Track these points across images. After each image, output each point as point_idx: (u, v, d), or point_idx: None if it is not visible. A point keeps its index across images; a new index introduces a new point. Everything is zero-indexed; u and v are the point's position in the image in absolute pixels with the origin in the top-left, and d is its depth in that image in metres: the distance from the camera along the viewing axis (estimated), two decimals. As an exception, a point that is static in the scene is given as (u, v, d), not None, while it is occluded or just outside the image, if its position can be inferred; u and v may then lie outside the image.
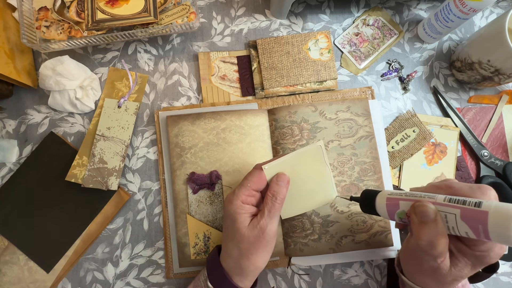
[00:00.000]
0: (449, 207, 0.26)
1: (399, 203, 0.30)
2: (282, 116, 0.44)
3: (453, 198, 0.26)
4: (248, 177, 0.34)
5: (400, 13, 0.51)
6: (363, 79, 0.49)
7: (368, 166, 0.44)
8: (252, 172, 0.35)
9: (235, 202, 0.33)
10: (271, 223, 0.33)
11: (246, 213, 0.33)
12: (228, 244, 0.34)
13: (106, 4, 0.43)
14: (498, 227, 0.23)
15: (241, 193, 0.33)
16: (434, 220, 0.26)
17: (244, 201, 0.33)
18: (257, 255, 0.33)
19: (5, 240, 0.43)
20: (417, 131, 0.46)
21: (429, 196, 0.28)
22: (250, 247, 0.33)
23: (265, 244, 0.33)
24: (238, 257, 0.33)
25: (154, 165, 0.46)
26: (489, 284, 0.44)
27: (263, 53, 0.48)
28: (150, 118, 0.47)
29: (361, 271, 0.44)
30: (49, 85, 0.43)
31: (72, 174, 0.43)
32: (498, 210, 0.23)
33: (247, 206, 0.33)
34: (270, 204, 0.33)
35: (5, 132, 0.46)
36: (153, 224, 0.45)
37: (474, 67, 0.43)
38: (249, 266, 0.33)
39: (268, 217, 0.32)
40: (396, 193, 0.31)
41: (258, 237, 0.32)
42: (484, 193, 0.26)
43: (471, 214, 0.24)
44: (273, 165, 0.34)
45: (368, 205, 0.33)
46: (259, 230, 0.32)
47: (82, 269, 0.44)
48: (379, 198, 0.32)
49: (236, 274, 0.34)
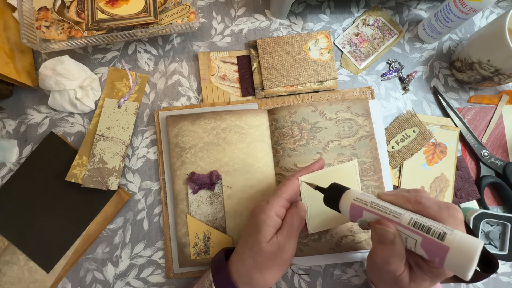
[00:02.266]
0: (411, 232, 0.25)
1: (363, 212, 0.29)
2: (282, 116, 0.44)
3: (418, 223, 0.25)
4: (282, 187, 0.34)
5: (400, 13, 0.51)
6: (363, 79, 0.49)
7: (368, 166, 0.44)
8: (286, 182, 0.34)
9: (268, 212, 0.32)
10: (289, 243, 0.32)
11: (273, 226, 0.32)
12: (244, 251, 0.33)
13: (106, 4, 0.43)
14: (456, 264, 0.23)
15: (276, 203, 0.33)
16: (392, 243, 0.26)
17: (277, 213, 0.33)
18: (271, 271, 0.33)
19: (5, 240, 0.43)
20: (417, 131, 0.46)
21: (394, 214, 0.27)
22: (266, 262, 0.32)
23: (281, 263, 0.33)
24: (251, 268, 0.33)
25: (154, 165, 0.46)
26: (489, 284, 0.44)
27: (263, 53, 0.48)
28: (150, 118, 0.47)
29: (361, 271, 0.44)
30: (49, 85, 0.43)
31: (72, 174, 0.43)
32: (460, 249, 0.22)
33: (277, 219, 0.33)
34: (290, 223, 0.32)
35: (5, 132, 0.46)
36: (153, 224, 0.45)
37: (474, 67, 0.43)
38: (259, 281, 0.33)
39: (288, 236, 0.32)
40: (362, 201, 0.29)
41: (275, 254, 0.32)
42: (451, 215, 0.26)
43: (432, 244, 0.24)
44: (309, 177, 0.34)
45: (332, 201, 0.32)
46: (278, 247, 0.32)
47: (82, 269, 0.44)
48: (344, 198, 0.31)
49: (243, 282, 0.33)
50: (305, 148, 0.44)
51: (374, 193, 0.43)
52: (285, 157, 0.44)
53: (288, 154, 0.44)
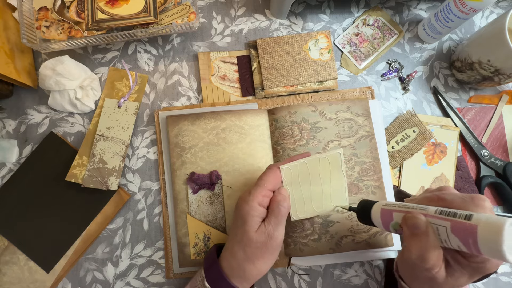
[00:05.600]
0: (440, 220, 0.25)
1: (393, 214, 0.29)
2: (282, 116, 0.44)
3: (444, 210, 0.26)
4: (263, 177, 0.34)
5: (400, 13, 0.51)
6: (363, 79, 0.49)
7: (368, 166, 0.44)
8: (267, 171, 0.34)
9: (251, 203, 0.33)
10: (277, 230, 0.33)
11: (258, 216, 0.33)
12: (234, 245, 0.34)
13: (106, 4, 0.43)
14: (488, 242, 0.22)
15: (258, 193, 0.33)
16: (425, 233, 0.26)
17: (260, 203, 0.33)
18: (262, 260, 0.33)
19: (5, 240, 0.43)
20: (417, 131, 0.46)
21: (421, 208, 0.27)
22: (257, 251, 0.33)
23: (272, 251, 0.33)
24: (243, 260, 0.33)
25: (154, 165, 0.46)
26: (489, 284, 0.44)
27: (263, 53, 0.48)
28: (150, 118, 0.47)
29: (361, 271, 0.44)
30: (49, 85, 0.43)
31: (72, 174, 0.43)
32: (488, 223, 0.22)
33: (261, 209, 0.33)
34: (277, 211, 0.33)
35: (5, 132, 0.46)
36: (153, 224, 0.45)
37: (474, 67, 0.43)
38: (252, 270, 0.33)
39: (275, 223, 0.32)
40: (390, 204, 0.30)
41: (265, 243, 0.32)
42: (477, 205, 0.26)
43: (461, 227, 0.24)
44: (292, 165, 0.35)
45: (364, 216, 0.33)
46: (267, 236, 0.32)
47: (82, 269, 0.44)
48: (374, 209, 0.32)
49: (236, 276, 0.33)
50: (305, 148, 0.44)
51: (374, 193, 0.43)
52: (285, 157, 0.44)
53: (288, 154, 0.44)
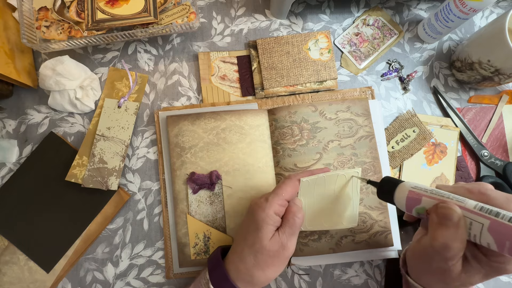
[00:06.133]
0: (478, 216, 0.24)
1: (422, 199, 0.28)
2: (282, 116, 0.44)
3: (485, 208, 0.24)
4: (282, 186, 0.34)
5: (400, 13, 0.51)
6: (363, 79, 0.49)
7: (368, 166, 0.44)
8: (286, 182, 0.34)
9: (267, 211, 0.32)
10: (291, 240, 0.33)
11: (273, 225, 0.33)
12: (244, 249, 0.33)
13: (106, 4, 0.43)
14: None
15: (275, 202, 0.33)
16: (456, 225, 0.25)
17: (276, 212, 0.33)
18: (273, 268, 0.33)
19: (5, 240, 0.43)
20: (417, 131, 0.46)
21: (458, 200, 0.26)
22: (268, 260, 0.32)
23: (283, 260, 0.33)
24: (252, 266, 0.33)
25: (154, 165, 0.46)
26: (489, 284, 0.44)
27: (263, 53, 0.48)
28: (150, 118, 0.47)
29: (361, 271, 0.44)
30: (49, 85, 0.43)
31: (72, 174, 0.43)
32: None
33: (276, 218, 0.33)
34: (291, 221, 0.33)
35: (5, 132, 0.46)
36: (153, 224, 0.45)
37: (474, 67, 0.43)
38: (261, 277, 0.33)
39: (289, 233, 0.32)
40: (421, 188, 0.29)
41: (278, 252, 0.32)
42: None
43: (501, 229, 0.23)
44: (311, 179, 0.35)
45: (386, 193, 0.32)
46: (281, 245, 0.32)
47: (82, 269, 0.44)
48: (401, 189, 0.30)
49: (242, 280, 0.33)
50: (305, 148, 0.44)
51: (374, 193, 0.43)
52: (285, 157, 0.44)
53: (288, 154, 0.44)
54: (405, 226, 0.44)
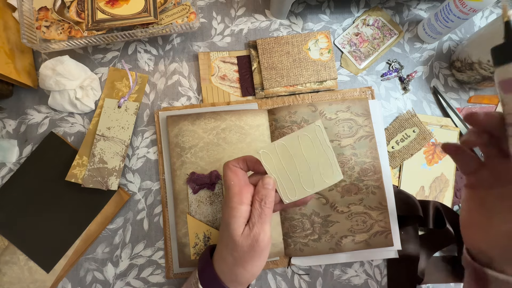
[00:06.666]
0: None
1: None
2: (282, 116, 0.44)
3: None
4: (225, 178, 0.33)
5: (400, 13, 0.51)
6: (363, 79, 0.49)
7: (368, 166, 0.44)
8: (224, 171, 0.33)
9: (230, 204, 0.32)
10: (263, 230, 0.31)
11: (241, 216, 0.31)
12: (223, 249, 0.33)
13: (106, 4, 0.43)
14: None
15: (231, 195, 0.32)
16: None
17: (240, 202, 0.31)
18: (252, 263, 0.32)
19: (5, 240, 0.43)
20: (417, 131, 0.46)
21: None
22: (245, 256, 0.31)
23: (260, 253, 0.31)
24: (232, 265, 0.32)
25: (154, 165, 0.46)
26: (489, 284, 0.44)
27: (263, 53, 0.48)
28: (150, 118, 0.47)
29: (361, 271, 0.44)
30: (49, 85, 0.43)
31: (72, 174, 0.43)
32: None
33: (242, 208, 0.31)
34: (260, 210, 0.31)
35: (5, 132, 0.46)
36: (153, 224, 0.45)
37: (474, 67, 0.43)
38: (244, 274, 0.32)
39: (259, 223, 0.31)
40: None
41: (252, 246, 0.31)
42: None
43: None
44: (269, 149, 0.32)
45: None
46: (253, 239, 0.31)
47: (82, 269, 0.44)
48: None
49: (230, 280, 0.33)
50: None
51: (374, 193, 0.43)
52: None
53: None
54: (405, 226, 0.44)
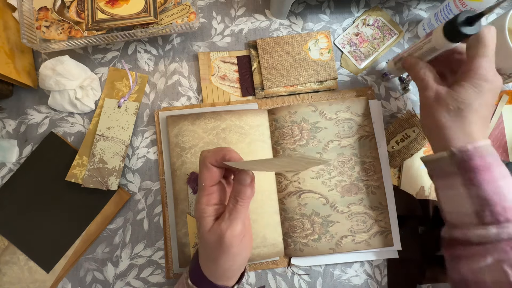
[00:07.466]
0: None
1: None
2: (282, 116, 0.44)
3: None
4: (200, 176, 0.32)
5: (400, 13, 0.51)
6: (363, 79, 0.49)
7: (368, 166, 0.44)
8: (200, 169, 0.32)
9: (198, 206, 0.32)
10: (231, 227, 0.30)
11: (210, 215, 0.31)
12: (200, 248, 0.34)
13: (106, 4, 0.43)
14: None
15: (201, 195, 0.31)
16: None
17: (208, 203, 0.31)
18: (222, 259, 0.31)
19: (5, 240, 0.43)
20: (417, 131, 0.46)
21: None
22: (213, 252, 0.31)
23: (227, 249, 0.30)
24: (206, 261, 0.32)
25: (154, 165, 0.46)
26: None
27: (263, 53, 0.48)
28: (150, 118, 0.47)
29: (361, 271, 0.44)
30: (49, 85, 0.43)
31: (72, 174, 0.43)
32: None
33: (210, 208, 0.31)
34: (231, 207, 0.31)
35: (5, 132, 0.46)
36: (153, 224, 0.45)
37: (474, 67, 0.43)
38: (217, 269, 0.32)
39: (228, 220, 0.30)
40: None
41: (217, 242, 0.30)
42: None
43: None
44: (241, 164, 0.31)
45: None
46: (218, 235, 0.30)
47: (82, 269, 0.44)
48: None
49: (209, 275, 0.33)
50: (305, 148, 0.44)
51: (374, 193, 0.43)
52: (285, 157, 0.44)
53: (288, 154, 0.44)
54: (405, 226, 0.44)
